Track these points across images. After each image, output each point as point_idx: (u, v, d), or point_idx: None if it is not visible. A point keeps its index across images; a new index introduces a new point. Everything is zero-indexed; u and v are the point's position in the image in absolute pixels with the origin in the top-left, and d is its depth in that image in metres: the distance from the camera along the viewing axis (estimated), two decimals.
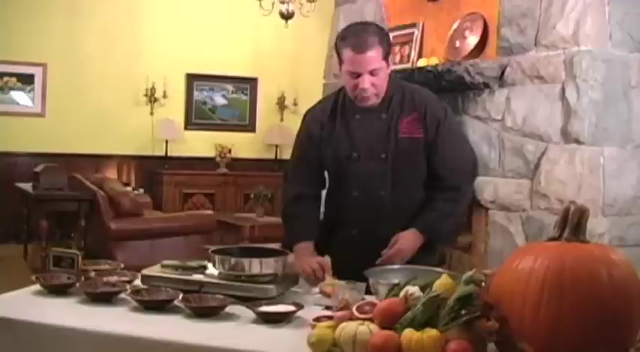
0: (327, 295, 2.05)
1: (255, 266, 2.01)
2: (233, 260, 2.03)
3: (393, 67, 2.51)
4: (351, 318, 1.62)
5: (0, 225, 7.13)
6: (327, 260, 2.33)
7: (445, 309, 1.52)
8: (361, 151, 2.43)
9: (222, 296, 1.93)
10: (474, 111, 4.21)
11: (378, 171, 2.41)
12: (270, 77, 8.55)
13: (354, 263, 2.25)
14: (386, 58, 2.37)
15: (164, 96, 8.11)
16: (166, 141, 8.09)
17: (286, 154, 8.30)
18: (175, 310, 1.89)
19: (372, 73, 2.33)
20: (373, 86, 2.35)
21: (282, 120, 8.67)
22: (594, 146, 3.56)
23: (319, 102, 2.67)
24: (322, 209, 2.58)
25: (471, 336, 1.48)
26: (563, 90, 3.67)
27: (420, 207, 2.44)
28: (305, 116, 2.62)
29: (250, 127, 8.70)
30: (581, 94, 3.57)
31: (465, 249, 4.35)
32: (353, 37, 2.35)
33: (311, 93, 6.54)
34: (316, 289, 2.19)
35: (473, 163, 2.70)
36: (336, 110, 2.50)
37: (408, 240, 2.37)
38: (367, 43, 2.31)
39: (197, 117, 8.47)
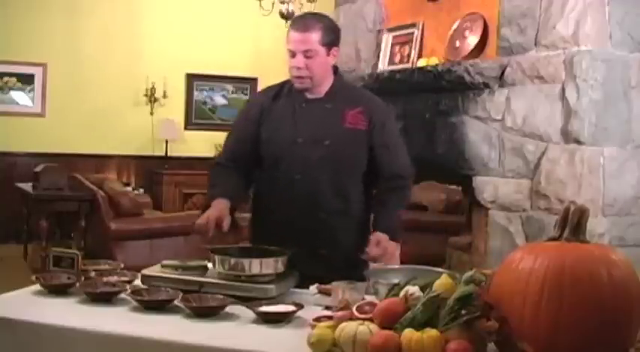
0: (327, 294, 2.05)
1: (255, 266, 2.01)
2: (233, 260, 2.03)
3: (392, 68, 2.54)
4: (351, 318, 1.62)
5: (0, 225, 7.13)
6: (227, 219, 2.44)
7: (445, 309, 1.52)
8: (305, 136, 2.49)
9: (222, 296, 1.93)
10: (474, 111, 4.21)
11: (320, 156, 2.47)
12: (270, 77, 8.45)
13: (293, 243, 2.31)
14: (327, 46, 2.45)
15: (164, 96, 8.11)
16: (166, 141, 8.09)
17: None
18: (175, 310, 1.89)
19: (306, 53, 2.42)
20: (307, 69, 2.43)
21: None
22: (594, 146, 3.55)
23: (265, 88, 2.78)
24: (262, 190, 2.66)
25: (471, 336, 1.48)
26: (563, 90, 3.66)
27: (375, 205, 2.54)
28: (248, 99, 2.72)
29: None
30: (581, 94, 3.57)
31: (465, 248, 4.34)
32: (298, 19, 2.51)
33: None
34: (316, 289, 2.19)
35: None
36: (280, 96, 2.59)
37: (390, 244, 2.39)
38: (307, 24, 2.43)
39: (197, 117, 8.47)
